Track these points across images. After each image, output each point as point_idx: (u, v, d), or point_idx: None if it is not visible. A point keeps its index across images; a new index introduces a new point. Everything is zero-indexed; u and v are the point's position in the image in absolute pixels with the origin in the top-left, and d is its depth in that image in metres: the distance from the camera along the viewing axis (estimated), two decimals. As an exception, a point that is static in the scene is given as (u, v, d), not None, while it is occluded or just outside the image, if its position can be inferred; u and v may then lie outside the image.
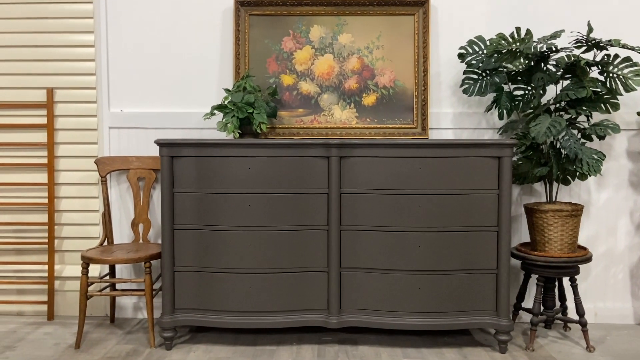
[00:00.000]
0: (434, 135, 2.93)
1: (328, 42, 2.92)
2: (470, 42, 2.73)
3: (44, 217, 3.00)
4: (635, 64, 2.50)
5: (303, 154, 2.49)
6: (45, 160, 2.99)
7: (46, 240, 2.98)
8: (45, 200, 2.99)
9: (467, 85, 2.75)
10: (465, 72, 2.76)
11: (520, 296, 2.77)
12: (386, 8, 2.88)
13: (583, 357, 2.50)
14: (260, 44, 2.91)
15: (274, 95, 2.86)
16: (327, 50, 2.92)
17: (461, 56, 2.75)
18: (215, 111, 2.68)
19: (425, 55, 2.87)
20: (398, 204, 2.48)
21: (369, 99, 2.92)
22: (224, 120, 2.64)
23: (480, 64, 2.71)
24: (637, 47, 2.49)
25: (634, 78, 2.50)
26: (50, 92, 2.96)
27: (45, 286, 3.00)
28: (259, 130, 2.67)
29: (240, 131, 2.69)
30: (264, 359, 2.45)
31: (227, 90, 2.74)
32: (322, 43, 2.92)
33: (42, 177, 3.00)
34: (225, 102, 2.68)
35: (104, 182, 2.87)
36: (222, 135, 2.89)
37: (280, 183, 2.49)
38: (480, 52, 2.72)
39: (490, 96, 2.83)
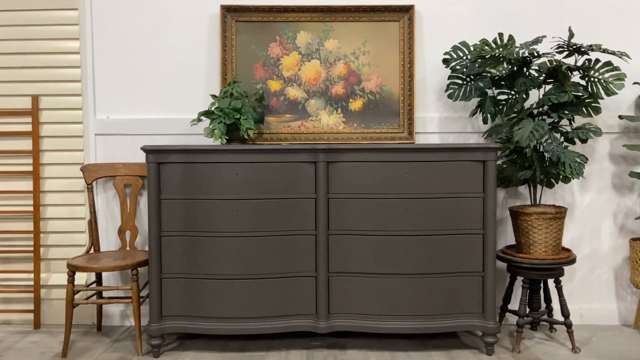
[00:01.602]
0: (420, 139, 2.96)
1: (315, 47, 2.94)
2: (455, 48, 2.76)
3: (29, 225, 2.98)
4: (615, 69, 2.55)
5: (290, 160, 2.50)
6: (30, 168, 2.97)
7: (32, 249, 2.95)
8: (31, 208, 2.96)
9: (452, 90, 2.78)
10: (450, 77, 2.79)
11: (507, 298, 2.80)
12: (372, 14, 2.91)
13: (569, 358, 2.53)
14: (247, 49, 2.92)
15: (261, 101, 2.87)
16: (314, 56, 2.94)
17: (446, 61, 2.78)
18: (202, 117, 2.68)
19: (410, 61, 2.90)
20: (385, 208, 2.50)
21: (355, 104, 2.94)
22: (210, 126, 2.64)
23: (465, 69, 2.74)
24: (618, 51, 2.54)
25: (615, 82, 2.54)
26: (36, 99, 2.94)
27: (32, 294, 2.98)
28: (246, 136, 2.67)
29: (227, 137, 2.69)
30: (253, 364, 2.46)
31: (214, 96, 2.75)
32: (309, 49, 2.94)
33: (27, 184, 2.98)
34: (212, 108, 2.69)
35: (90, 189, 2.85)
36: (209, 142, 2.89)
37: (267, 188, 2.50)
38: (464, 58, 2.75)
39: (475, 101, 2.86)
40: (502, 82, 2.73)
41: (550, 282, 2.87)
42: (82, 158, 2.97)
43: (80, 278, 2.93)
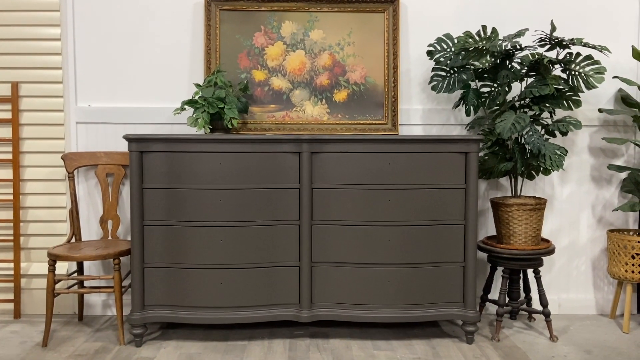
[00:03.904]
0: (404, 131, 2.97)
1: (299, 38, 2.93)
2: (439, 40, 2.78)
3: (9, 214, 2.94)
4: (596, 62, 2.59)
5: (274, 150, 2.50)
6: (10, 156, 2.92)
7: (12, 238, 2.92)
8: (11, 197, 2.92)
9: (435, 82, 2.80)
10: (433, 69, 2.81)
11: (487, 288, 2.84)
12: (357, 5, 2.91)
13: (547, 347, 2.58)
14: (231, 39, 2.90)
15: (245, 91, 2.86)
16: (299, 46, 2.93)
17: (430, 53, 2.79)
18: (186, 106, 2.66)
19: (395, 53, 2.91)
20: (368, 198, 2.51)
21: (340, 95, 2.94)
22: (194, 116, 2.63)
23: (448, 62, 2.76)
24: (599, 45, 2.58)
25: (595, 76, 2.58)
26: (15, 86, 2.90)
27: (11, 284, 2.94)
28: (230, 126, 2.66)
29: (211, 126, 2.68)
30: (236, 354, 2.46)
31: (197, 85, 2.73)
32: (294, 39, 2.93)
33: (7, 173, 2.93)
34: (196, 97, 2.67)
35: (71, 178, 2.82)
36: (193, 131, 2.87)
37: (251, 178, 2.50)
38: (448, 50, 2.77)
39: (458, 93, 2.89)
40: (485, 75, 2.75)
41: (530, 272, 2.92)
42: (63, 146, 2.93)
43: (61, 268, 2.91)
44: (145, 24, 2.92)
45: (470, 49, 2.64)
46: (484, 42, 2.64)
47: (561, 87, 2.64)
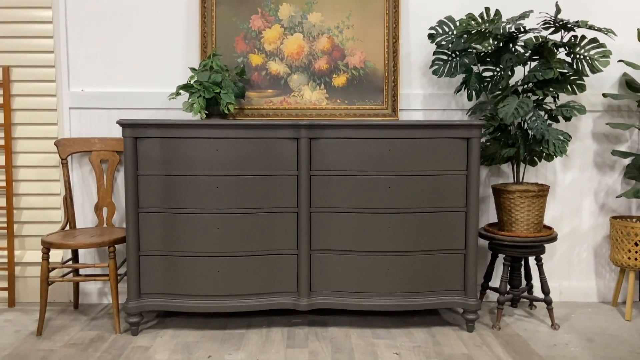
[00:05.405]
0: (404, 116, 2.92)
1: (297, 21, 2.86)
2: (440, 23, 2.71)
3: (2, 201, 2.89)
4: (601, 45, 2.53)
5: (272, 135, 2.44)
6: (2, 142, 2.86)
7: (5, 225, 2.87)
8: (4, 184, 2.87)
9: (437, 66, 2.74)
10: (435, 53, 2.74)
11: (488, 276, 2.81)
12: (356, -13, 2.83)
13: (548, 335, 2.55)
14: (227, 22, 2.83)
15: (242, 75, 2.79)
16: (297, 30, 2.86)
17: (431, 37, 2.73)
18: (181, 91, 2.60)
19: (395, 36, 2.84)
20: (368, 185, 2.46)
21: (339, 80, 2.88)
22: (189, 101, 2.57)
23: (450, 45, 2.70)
24: (604, 28, 2.51)
25: (600, 59, 2.52)
26: (7, 70, 2.83)
27: (5, 272, 2.90)
28: (226, 111, 2.61)
29: (207, 112, 2.62)
30: (233, 342, 2.43)
31: (193, 69, 2.66)
32: (292, 22, 2.86)
33: (-1, 159, 2.89)
34: (192, 82, 2.61)
35: (64, 164, 2.77)
36: (189, 116, 2.82)
37: (248, 165, 2.45)
38: (450, 33, 2.70)
39: (460, 77, 2.83)
40: (488, 59, 2.69)
41: (531, 260, 2.88)
42: (56, 132, 2.87)
43: (56, 256, 2.86)
44: (139, 7, 2.84)
45: (472, 32, 2.58)
46: (487, 24, 2.57)
47: (565, 71, 2.58)
